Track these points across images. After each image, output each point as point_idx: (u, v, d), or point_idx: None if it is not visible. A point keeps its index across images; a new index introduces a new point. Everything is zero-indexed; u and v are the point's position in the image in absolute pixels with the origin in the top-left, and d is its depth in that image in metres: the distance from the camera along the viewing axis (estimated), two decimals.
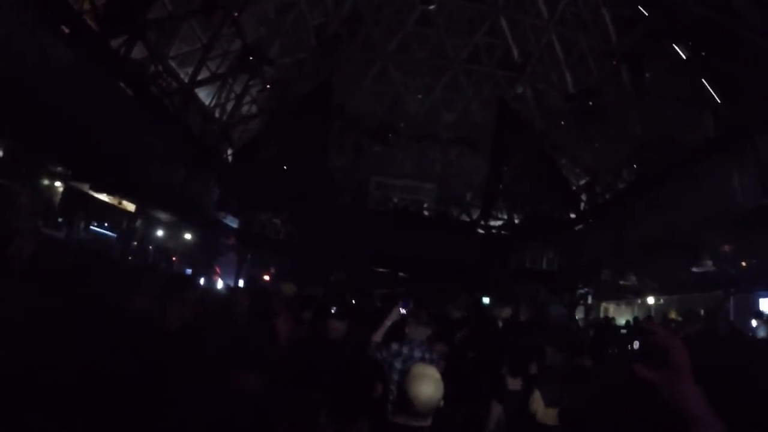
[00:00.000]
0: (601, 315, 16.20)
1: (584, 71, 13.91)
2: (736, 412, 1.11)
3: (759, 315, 9.66)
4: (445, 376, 3.23)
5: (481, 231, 19.48)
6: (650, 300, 13.92)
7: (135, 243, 12.76)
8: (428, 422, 2.33)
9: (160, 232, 13.88)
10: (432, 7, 14.03)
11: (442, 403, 2.35)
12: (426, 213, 21.22)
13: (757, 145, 9.33)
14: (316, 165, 18.04)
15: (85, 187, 10.82)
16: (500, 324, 12.27)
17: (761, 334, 8.99)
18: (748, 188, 9.59)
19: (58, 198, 10.03)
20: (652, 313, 13.45)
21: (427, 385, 2.31)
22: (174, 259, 14.28)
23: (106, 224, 11.86)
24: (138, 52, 10.78)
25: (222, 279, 15.98)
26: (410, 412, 2.30)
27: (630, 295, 15.06)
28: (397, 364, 4.03)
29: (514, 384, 4.04)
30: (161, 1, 10.63)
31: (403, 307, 4.56)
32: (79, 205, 10.77)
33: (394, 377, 3.93)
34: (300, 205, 17.93)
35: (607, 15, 12.76)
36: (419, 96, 17.75)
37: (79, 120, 9.03)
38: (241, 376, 2.35)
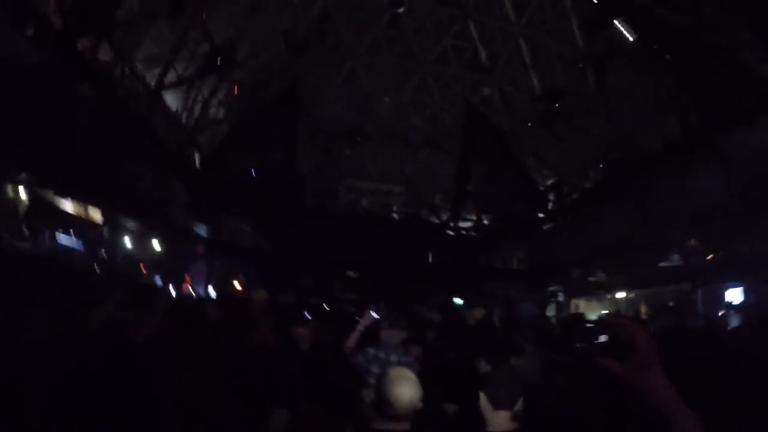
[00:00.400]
0: (572, 312, 16.53)
1: (551, 73, 14.21)
2: (710, 404, 1.12)
3: (728, 305, 10.04)
4: (421, 379, 3.25)
5: (450, 232, 19.65)
6: (620, 295, 14.29)
7: (103, 252, 12.31)
8: (407, 426, 2.32)
9: (128, 241, 13.43)
10: (401, 10, 14.10)
11: (420, 405, 2.34)
12: (395, 216, 21.30)
13: (718, 146, 9.73)
14: (285, 169, 17.89)
15: (50, 195, 10.40)
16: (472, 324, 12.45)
17: (733, 323, 9.33)
18: (711, 185, 9.94)
19: (22, 208, 9.60)
20: (622, 308, 13.81)
21: (406, 387, 2.33)
22: (142, 268, 13.85)
23: (72, 234, 11.41)
24: (103, 53, 10.44)
25: (192, 287, 15.60)
26: (390, 415, 2.30)
27: (600, 291, 15.42)
28: (375, 369, 4.00)
29: None
30: (128, 1, 10.33)
31: (374, 311, 4.53)
32: (45, 215, 10.32)
33: (371, 382, 3.88)
34: (269, 211, 17.74)
35: (573, 20, 13.07)
36: (387, 98, 17.79)
37: (43, 123, 8.68)
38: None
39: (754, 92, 8.79)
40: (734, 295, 10.40)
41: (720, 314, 9.94)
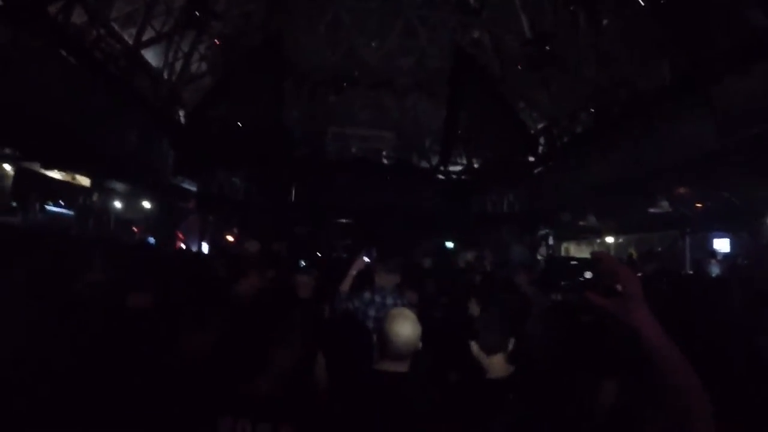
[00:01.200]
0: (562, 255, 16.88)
1: (541, 16, 13.78)
2: (691, 345, 1.22)
3: (713, 254, 10.28)
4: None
5: (441, 177, 19.64)
6: (609, 239, 14.54)
7: (93, 218, 12.27)
8: (407, 367, 2.40)
9: (118, 204, 13.37)
10: None
11: (419, 344, 2.42)
12: (385, 161, 21.17)
13: (710, 93, 9.62)
14: (271, 119, 17.57)
15: (36, 167, 10.23)
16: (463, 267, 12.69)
17: (714, 271, 9.61)
18: (703, 133, 9.92)
19: (9, 182, 9.46)
20: (612, 252, 14.10)
21: (406, 324, 2.40)
22: (135, 229, 13.86)
23: (61, 202, 11.32)
24: (77, 16, 9.97)
25: (185, 244, 15.68)
26: (391, 354, 2.38)
27: (590, 235, 15.67)
28: (371, 312, 4.08)
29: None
30: None
31: (367, 257, 4.58)
32: (32, 186, 10.21)
33: (369, 325, 3.98)
34: (257, 162, 17.57)
35: None
36: (373, 44, 17.28)
37: (21, 96, 8.42)
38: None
39: (748, 40, 8.63)
40: (720, 245, 10.65)
41: (705, 262, 10.22)
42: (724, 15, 8.87)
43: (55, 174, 10.89)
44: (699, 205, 10.66)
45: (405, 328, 2.39)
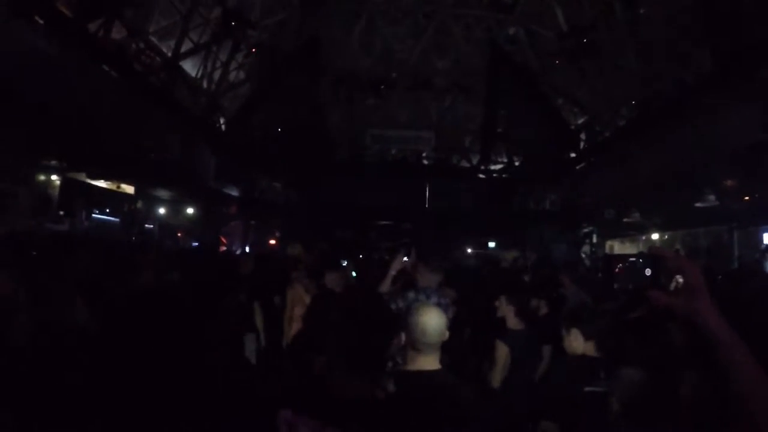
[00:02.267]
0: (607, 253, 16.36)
1: (576, 8, 13.43)
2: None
3: (764, 249, 9.75)
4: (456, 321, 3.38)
5: (482, 176, 19.44)
6: (654, 236, 14.01)
7: (138, 225, 12.79)
8: (437, 363, 2.40)
9: (162, 211, 13.88)
10: None
11: (447, 334, 2.43)
12: (425, 162, 21.13)
13: (757, 79, 9.13)
14: (311, 124, 17.86)
15: (82, 176, 10.76)
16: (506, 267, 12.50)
17: None
18: (749, 123, 9.44)
19: (56, 191, 10.00)
20: None
21: (431, 314, 2.42)
22: (179, 235, 14.35)
23: (107, 210, 11.86)
24: (117, 32, 10.45)
25: (228, 248, 16.13)
26: (422, 346, 2.37)
27: (634, 231, 15.16)
28: None
29: (515, 323, 4.09)
30: None
31: (406, 257, 4.56)
32: (79, 195, 10.74)
33: None
34: (298, 166, 17.88)
35: None
36: (409, 44, 17.28)
37: (67, 110, 8.88)
38: None
39: None
40: None
41: (755, 257, 9.71)
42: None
43: (101, 183, 11.42)
44: (747, 198, 10.12)
45: (431, 318, 2.40)
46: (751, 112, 9.32)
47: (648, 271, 1.15)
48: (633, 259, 1.20)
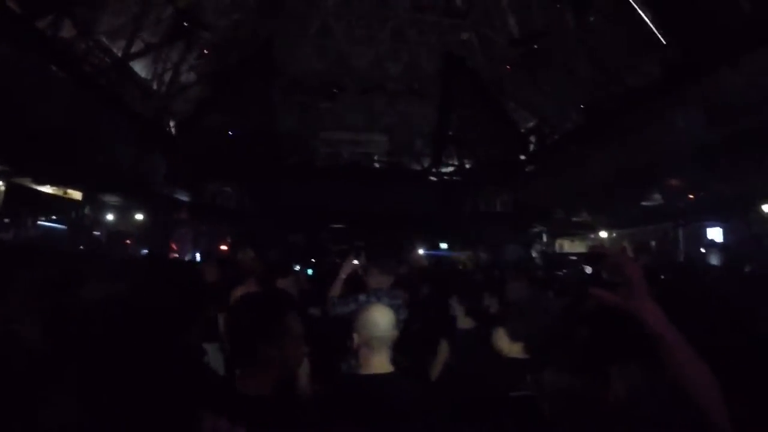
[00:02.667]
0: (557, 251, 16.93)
1: (528, 14, 13.85)
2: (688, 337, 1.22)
3: (712, 244, 10.35)
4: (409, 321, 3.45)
5: (433, 178, 19.70)
6: (603, 234, 14.59)
7: (85, 232, 12.17)
8: (389, 365, 2.43)
9: (110, 217, 13.27)
10: None
11: (396, 332, 2.49)
12: (377, 165, 21.21)
13: (702, 84, 9.69)
14: (263, 127, 17.59)
15: (28, 182, 10.15)
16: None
17: (712, 261, 9.67)
18: (693, 125, 9.99)
19: (0, 197, 9.38)
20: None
21: (381, 311, 2.50)
22: (128, 242, 13.76)
23: (54, 217, 11.23)
24: (66, 31, 9.92)
25: (179, 255, 15.59)
26: (374, 342, 2.41)
27: (583, 231, 15.73)
28: None
29: (466, 322, 4.13)
30: None
31: (356, 260, 4.56)
32: (24, 202, 10.12)
33: None
34: (249, 170, 17.56)
35: None
36: (363, 49, 17.31)
37: (11, 111, 8.35)
38: None
39: (738, 30, 8.71)
40: (714, 235, 10.71)
41: (700, 252, 10.29)
42: (713, 3, 8.94)
43: (47, 189, 10.80)
44: (691, 196, 10.73)
45: (381, 316, 2.46)
46: (696, 114, 9.88)
47: (588, 269, 1.21)
48: (575, 258, 1.26)
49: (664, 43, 10.49)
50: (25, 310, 2.76)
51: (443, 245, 19.12)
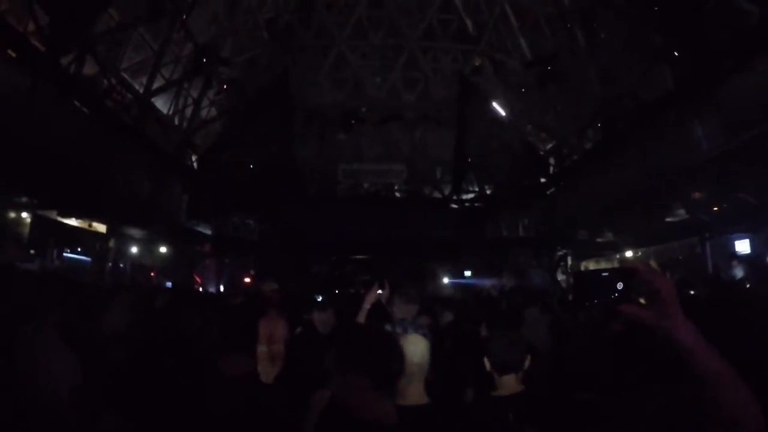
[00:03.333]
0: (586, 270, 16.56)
1: (539, 37, 13.98)
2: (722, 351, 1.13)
3: (733, 256, 10.01)
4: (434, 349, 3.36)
5: (454, 206, 19.64)
6: (628, 254, 14.25)
7: (110, 264, 12.41)
8: (423, 396, 2.39)
9: (134, 249, 13.52)
10: None
11: (428, 361, 2.45)
12: (398, 194, 21.26)
13: (717, 94, 9.54)
14: (282, 160, 17.87)
15: (53, 214, 10.44)
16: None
17: (738, 275, 9.33)
18: (711, 136, 9.81)
19: (26, 229, 9.66)
20: None
21: (415, 342, 2.46)
22: (152, 274, 13.97)
23: (79, 249, 11.50)
24: (89, 67, 10.35)
25: (203, 287, 15.75)
26: (409, 372, 2.34)
27: (608, 251, 15.39)
28: None
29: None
30: (107, 13, 10.17)
31: (380, 290, 4.51)
32: (49, 234, 10.40)
33: None
34: (271, 202, 17.76)
35: None
36: (378, 79, 17.61)
37: (37, 145, 8.66)
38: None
39: (745, 35, 8.61)
40: (741, 246, 10.38)
41: (728, 265, 9.94)
42: (720, 12, 8.89)
43: (72, 221, 11.09)
44: (716, 208, 10.44)
45: (415, 347, 2.44)
46: (713, 123, 9.70)
47: (620, 285, 1.15)
48: (605, 274, 1.21)
49: (674, 54, 10.42)
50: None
51: (467, 272, 18.94)
